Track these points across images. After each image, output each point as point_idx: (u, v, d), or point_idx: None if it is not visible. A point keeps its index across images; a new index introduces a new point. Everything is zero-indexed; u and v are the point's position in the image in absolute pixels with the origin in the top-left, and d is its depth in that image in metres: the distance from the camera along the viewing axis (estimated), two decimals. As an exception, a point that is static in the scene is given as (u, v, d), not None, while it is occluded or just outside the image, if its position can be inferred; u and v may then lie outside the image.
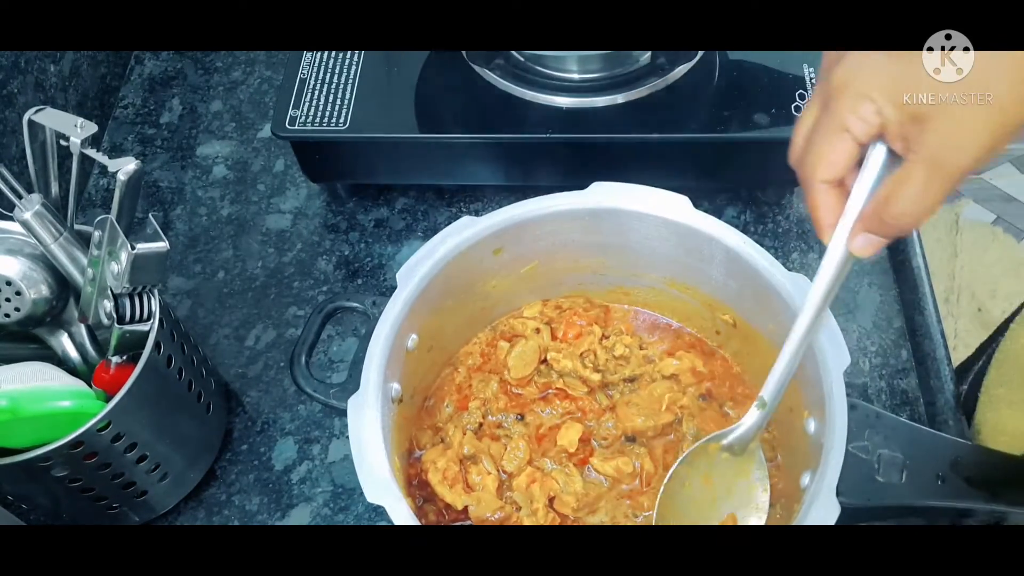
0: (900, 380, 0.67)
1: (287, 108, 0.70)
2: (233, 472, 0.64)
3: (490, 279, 0.61)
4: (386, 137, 0.69)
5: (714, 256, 0.57)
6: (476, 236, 0.57)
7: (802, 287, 0.52)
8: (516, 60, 0.71)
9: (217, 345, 0.70)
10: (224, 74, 0.88)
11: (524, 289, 0.64)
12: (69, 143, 0.50)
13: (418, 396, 0.61)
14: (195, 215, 0.78)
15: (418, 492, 0.58)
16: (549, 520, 0.56)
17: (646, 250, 0.60)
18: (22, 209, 0.51)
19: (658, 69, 0.69)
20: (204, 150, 0.82)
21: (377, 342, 0.53)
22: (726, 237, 0.56)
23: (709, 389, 0.61)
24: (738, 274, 0.57)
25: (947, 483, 0.48)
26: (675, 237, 0.58)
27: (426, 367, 0.61)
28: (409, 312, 0.55)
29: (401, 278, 0.55)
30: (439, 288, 0.57)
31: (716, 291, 0.60)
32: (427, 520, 0.57)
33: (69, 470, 0.52)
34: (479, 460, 0.58)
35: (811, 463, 0.50)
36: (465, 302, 0.61)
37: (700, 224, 0.57)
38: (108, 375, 0.54)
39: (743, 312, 0.59)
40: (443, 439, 0.60)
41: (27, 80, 0.74)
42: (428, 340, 0.59)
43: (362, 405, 0.50)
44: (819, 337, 0.50)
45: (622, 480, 0.58)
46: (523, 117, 0.69)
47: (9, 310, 0.55)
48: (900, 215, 0.41)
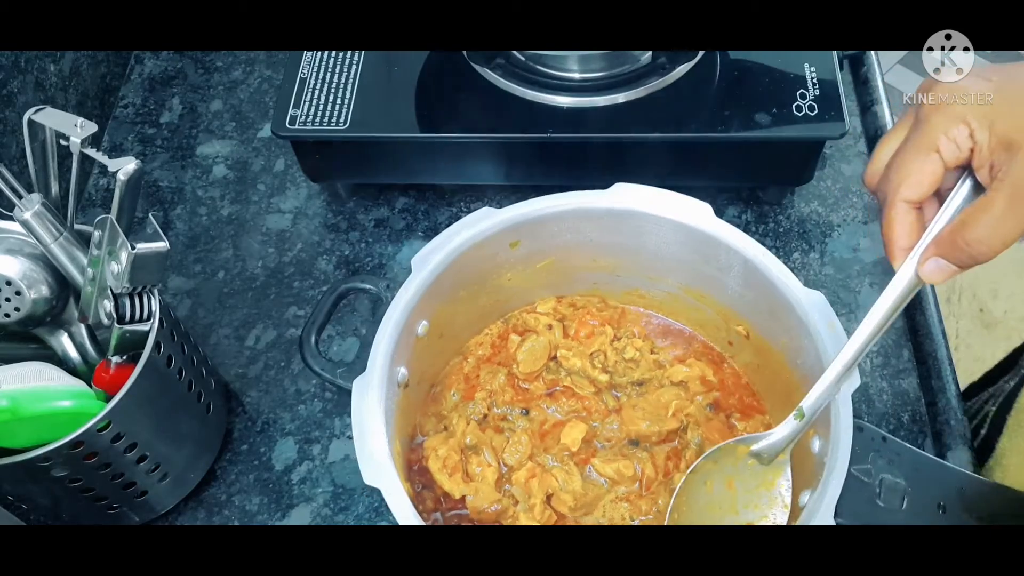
0: (901, 380, 0.66)
1: (287, 108, 0.70)
2: (233, 472, 0.64)
3: (505, 272, 0.61)
4: (386, 137, 0.69)
5: (732, 266, 0.57)
6: (494, 228, 0.57)
7: (817, 304, 0.52)
8: (517, 60, 0.71)
9: (217, 345, 0.70)
10: (224, 74, 0.88)
11: (538, 284, 0.64)
12: (69, 143, 0.50)
13: (425, 382, 0.61)
14: (195, 215, 0.78)
15: (418, 478, 0.58)
16: (546, 517, 0.56)
17: (664, 255, 0.60)
18: (22, 209, 0.51)
19: (659, 69, 0.69)
20: (204, 150, 0.82)
21: (387, 325, 0.53)
22: (745, 248, 0.55)
23: (717, 399, 0.61)
24: (755, 286, 0.56)
25: (948, 513, 0.48)
26: (694, 244, 0.57)
27: (435, 354, 0.61)
28: (421, 298, 0.55)
29: (416, 264, 0.55)
30: (453, 276, 0.57)
31: (732, 301, 0.59)
32: (424, 507, 0.57)
33: (69, 470, 0.52)
34: (480, 451, 0.58)
35: (812, 482, 0.49)
36: (478, 293, 0.61)
37: (720, 233, 0.56)
38: (108, 375, 0.54)
39: (757, 324, 0.58)
40: (446, 427, 0.60)
41: (27, 80, 0.74)
42: (439, 327, 0.59)
43: (367, 386, 0.51)
44: (829, 355, 0.50)
45: (622, 483, 0.58)
46: (524, 117, 0.68)
47: (9, 310, 0.55)
48: (976, 241, 0.41)
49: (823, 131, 0.66)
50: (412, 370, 0.57)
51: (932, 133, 0.42)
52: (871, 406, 0.65)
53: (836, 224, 0.74)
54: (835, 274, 0.72)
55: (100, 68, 0.84)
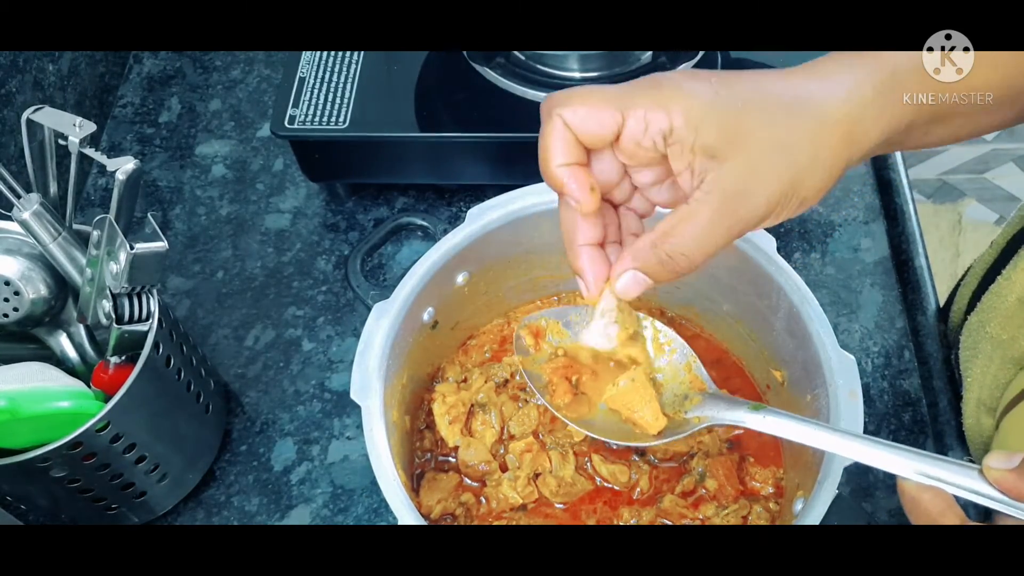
0: (902, 381, 0.66)
1: (286, 107, 0.69)
2: (232, 473, 0.64)
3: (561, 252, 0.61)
4: (386, 136, 0.69)
5: (780, 308, 0.55)
6: (555, 203, 0.57)
7: (846, 368, 0.50)
8: (517, 59, 0.70)
9: (216, 345, 0.70)
10: (223, 73, 0.87)
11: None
12: (68, 142, 0.50)
13: (460, 331, 0.62)
14: (194, 215, 0.78)
15: (425, 417, 0.60)
16: (526, 493, 0.56)
17: (721, 279, 0.58)
18: (20, 209, 0.51)
19: (659, 68, 0.69)
20: (203, 149, 0.82)
21: (424, 263, 0.55)
22: (793, 292, 0.53)
23: (740, 437, 0.59)
24: (796, 333, 0.54)
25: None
26: (751, 275, 0.56)
27: (475, 308, 0.62)
28: (466, 248, 0.56)
29: (471, 216, 0.56)
30: (506, 237, 0.58)
31: (775, 344, 0.57)
32: (421, 446, 0.59)
33: (68, 470, 0.52)
34: (489, 411, 0.59)
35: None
36: (533, 264, 0.61)
37: (776, 271, 0.54)
38: (107, 375, 0.54)
39: (792, 374, 0.56)
40: (465, 379, 0.61)
41: (25, 79, 0.74)
42: (482, 283, 0.60)
43: (384, 312, 0.53)
44: (839, 420, 0.48)
45: (614, 485, 0.57)
46: (524, 116, 0.68)
47: (7, 310, 0.54)
48: (680, 254, 0.39)
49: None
50: (443, 314, 0.58)
51: (632, 98, 0.39)
52: (872, 407, 0.65)
53: (837, 224, 0.74)
54: (836, 274, 0.72)
55: (98, 67, 0.84)
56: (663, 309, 0.65)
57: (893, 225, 0.73)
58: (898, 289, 0.71)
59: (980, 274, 0.61)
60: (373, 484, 0.63)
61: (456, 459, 0.58)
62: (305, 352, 0.70)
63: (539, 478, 0.57)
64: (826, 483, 0.46)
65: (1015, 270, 0.55)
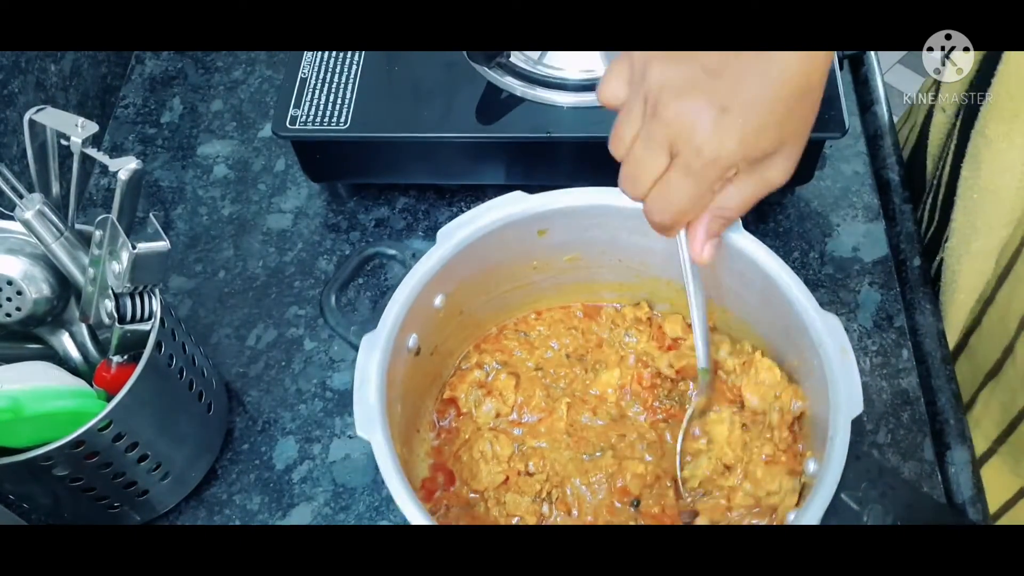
0: (901, 380, 0.66)
1: (288, 107, 0.70)
2: (234, 471, 0.65)
3: (531, 260, 0.61)
4: (387, 137, 0.69)
5: (754, 281, 0.55)
6: (523, 212, 0.57)
7: (832, 327, 0.51)
8: (517, 59, 0.71)
9: (218, 345, 0.71)
10: (225, 73, 0.88)
11: (565, 279, 0.63)
12: (70, 143, 0.50)
13: (439, 355, 0.62)
14: (196, 215, 0.78)
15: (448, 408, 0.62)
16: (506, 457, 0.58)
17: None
18: (23, 209, 0.51)
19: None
20: (205, 149, 0.82)
21: (403, 290, 0.54)
22: (767, 263, 0.54)
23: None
24: (774, 304, 0.55)
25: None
26: (721, 254, 0.55)
27: (453, 330, 0.61)
28: (441, 271, 0.55)
29: (441, 237, 0.56)
30: (477, 254, 0.57)
31: (750, 317, 0.59)
32: (441, 417, 0.61)
33: (70, 469, 0.52)
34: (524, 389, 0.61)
35: (801, 503, 0.50)
36: (502, 278, 0.61)
37: (747, 246, 0.55)
38: (109, 375, 0.54)
39: (772, 343, 0.57)
40: (489, 391, 0.61)
41: (28, 80, 0.74)
42: (458, 304, 0.59)
43: (373, 345, 0.52)
44: (836, 378, 0.49)
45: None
46: (524, 116, 0.69)
47: (10, 310, 0.55)
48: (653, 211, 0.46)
49: (823, 131, 0.66)
50: (424, 340, 0.57)
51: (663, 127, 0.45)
52: (871, 405, 0.65)
53: (836, 224, 0.74)
54: (835, 274, 0.72)
55: (101, 68, 0.85)
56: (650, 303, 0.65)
57: (892, 225, 0.74)
58: (897, 288, 0.71)
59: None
60: (374, 482, 0.63)
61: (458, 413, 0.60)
62: (307, 351, 0.70)
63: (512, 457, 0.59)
64: (837, 439, 0.47)
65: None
